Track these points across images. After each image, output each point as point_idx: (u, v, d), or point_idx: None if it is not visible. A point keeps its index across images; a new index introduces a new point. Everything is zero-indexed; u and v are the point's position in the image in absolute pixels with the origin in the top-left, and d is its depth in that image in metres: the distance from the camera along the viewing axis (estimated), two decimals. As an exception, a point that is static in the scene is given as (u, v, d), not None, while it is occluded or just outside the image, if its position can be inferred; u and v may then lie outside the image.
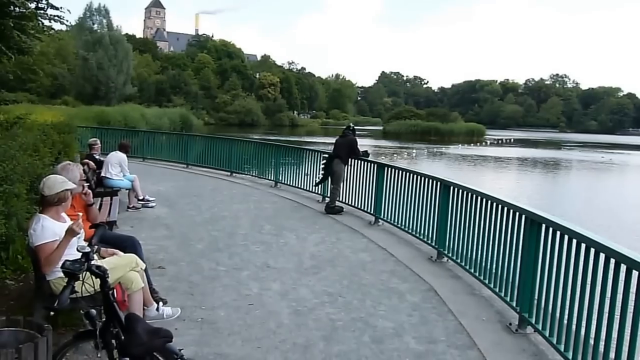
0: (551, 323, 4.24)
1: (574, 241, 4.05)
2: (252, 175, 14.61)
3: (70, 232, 3.79)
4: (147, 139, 18.67)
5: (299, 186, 12.60)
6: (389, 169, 8.91)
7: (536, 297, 4.55)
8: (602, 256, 3.71)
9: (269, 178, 13.82)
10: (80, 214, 4.53)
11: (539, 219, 4.58)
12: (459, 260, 6.37)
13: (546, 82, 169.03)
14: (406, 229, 8.07)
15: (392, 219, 8.59)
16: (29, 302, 4.41)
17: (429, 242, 7.25)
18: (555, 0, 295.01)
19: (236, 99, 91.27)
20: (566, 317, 4.02)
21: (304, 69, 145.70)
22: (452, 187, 6.70)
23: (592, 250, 3.80)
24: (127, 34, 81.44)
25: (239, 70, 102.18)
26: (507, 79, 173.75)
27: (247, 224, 8.90)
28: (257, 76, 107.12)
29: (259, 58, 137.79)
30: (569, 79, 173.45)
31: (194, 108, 77.11)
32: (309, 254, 7.17)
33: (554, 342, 4.13)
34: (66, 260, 2.86)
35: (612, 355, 3.44)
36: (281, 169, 13.55)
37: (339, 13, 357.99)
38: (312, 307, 5.22)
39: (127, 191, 9.94)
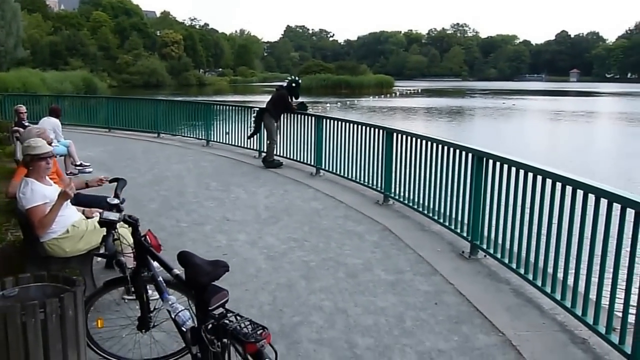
0: (502, 247, 4.86)
1: (513, 169, 4.74)
2: (182, 136, 14.52)
3: (64, 196, 3.90)
4: (63, 104, 17.82)
5: (232, 143, 12.73)
6: (328, 120, 9.28)
7: (486, 225, 5.15)
8: (539, 178, 4.37)
9: (200, 137, 13.81)
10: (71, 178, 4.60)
11: (485, 155, 5.18)
12: (406, 202, 6.91)
13: (448, 32, 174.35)
14: (350, 177, 8.52)
15: (334, 168, 9.01)
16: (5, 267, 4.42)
17: (375, 187, 7.75)
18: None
19: (138, 59, 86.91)
20: (516, 239, 4.63)
21: (207, 25, 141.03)
22: (395, 134, 7.19)
23: (530, 175, 4.49)
24: (12, -9, 75.02)
25: (138, 28, 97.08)
26: (411, 30, 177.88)
27: (192, 183, 9.02)
28: (159, 34, 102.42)
29: (158, 15, 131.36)
30: (470, 28, 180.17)
31: (93, 70, 72.73)
32: (263, 206, 7.47)
33: (506, 262, 4.76)
34: (103, 211, 3.03)
35: (561, 265, 4.09)
36: (212, 127, 13.56)
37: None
38: (283, 252, 5.58)
39: (62, 158, 9.69)
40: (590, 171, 13.77)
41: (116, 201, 3.13)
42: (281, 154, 10.71)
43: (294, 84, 10.52)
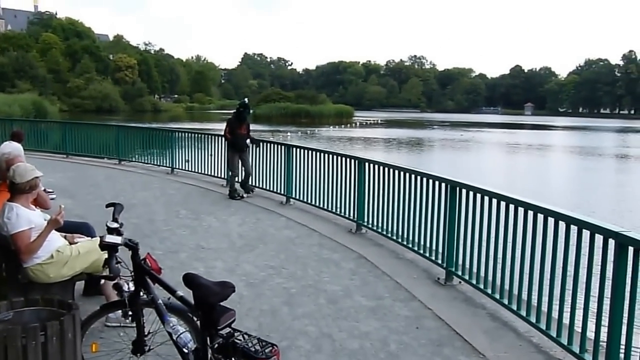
0: (477, 273, 5.08)
1: (486, 198, 4.99)
2: (145, 163, 14.39)
3: (54, 223, 3.92)
4: (21, 128, 17.45)
5: (197, 171, 12.72)
6: (299, 149, 9.42)
7: (461, 252, 5.37)
8: (512, 207, 4.64)
9: (164, 165, 13.73)
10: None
11: (457, 185, 5.44)
12: (379, 230, 7.08)
13: (406, 64, 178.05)
14: (321, 206, 8.65)
15: (305, 197, 9.13)
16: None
17: (348, 216, 7.89)
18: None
19: (91, 83, 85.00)
20: (491, 265, 4.86)
21: (163, 50, 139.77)
22: (367, 164, 7.39)
23: (503, 203, 4.75)
24: (-45, 12, 73.03)
25: (91, 51, 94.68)
26: (369, 61, 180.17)
27: (161, 211, 8.98)
28: (112, 58, 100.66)
29: (111, 38, 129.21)
30: (427, 60, 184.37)
31: (42, 94, 70.57)
32: (237, 234, 7.51)
33: (482, 287, 4.96)
34: (104, 236, 3.06)
35: (535, 291, 4.31)
36: (177, 155, 13.50)
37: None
38: (262, 279, 5.65)
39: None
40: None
41: (116, 225, 3.17)
42: (250, 183, 10.73)
43: (240, 108, 10.20)
